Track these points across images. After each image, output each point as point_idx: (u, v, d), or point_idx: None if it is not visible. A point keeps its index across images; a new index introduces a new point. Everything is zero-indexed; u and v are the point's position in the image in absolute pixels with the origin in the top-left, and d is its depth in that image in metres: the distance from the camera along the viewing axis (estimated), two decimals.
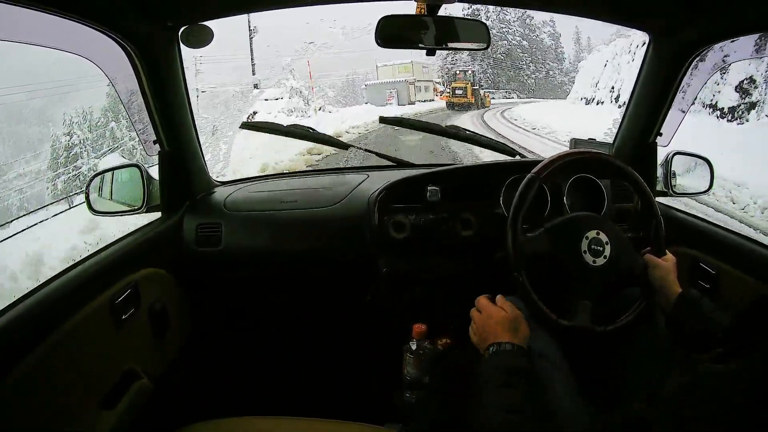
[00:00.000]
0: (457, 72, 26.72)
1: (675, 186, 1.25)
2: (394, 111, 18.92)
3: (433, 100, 30.08)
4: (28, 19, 0.73)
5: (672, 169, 1.24)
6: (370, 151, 1.49)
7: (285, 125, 1.37)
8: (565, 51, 44.93)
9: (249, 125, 1.65)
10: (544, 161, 0.93)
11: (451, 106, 21.89)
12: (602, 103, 15.24)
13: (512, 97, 35.12)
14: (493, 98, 29.50)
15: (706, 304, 0.78)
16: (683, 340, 0.78)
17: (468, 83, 22.75)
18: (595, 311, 0.85)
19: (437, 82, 34.32)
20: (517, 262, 0.85)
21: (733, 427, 0.45)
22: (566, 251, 0.86)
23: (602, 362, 0.92)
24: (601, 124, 7.04)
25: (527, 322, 0.79)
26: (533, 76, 41.31)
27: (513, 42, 39.91)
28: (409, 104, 26.32)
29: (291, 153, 8.48)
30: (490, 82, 38.16)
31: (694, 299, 0.80)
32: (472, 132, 1.39)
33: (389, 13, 0.98)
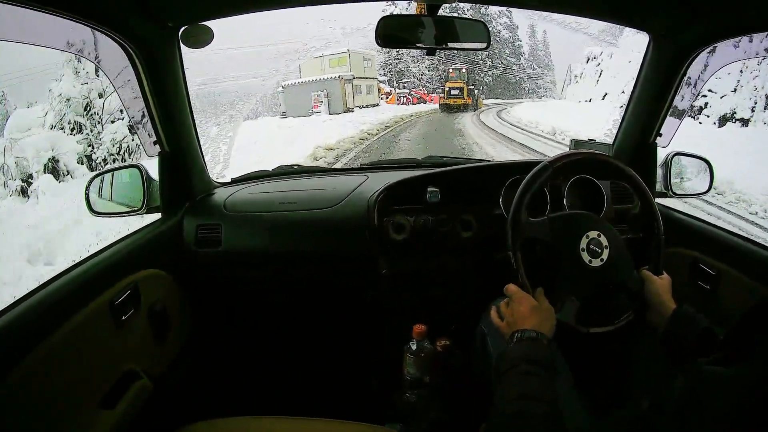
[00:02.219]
0: (450, 70, 23.98)
1: (675, 187, 1.25)
2: (319, 126, 11.73)
3: (377, 105, 22.85)
4: (28, 18, 0.73)
5: (672, 169, 1.24)
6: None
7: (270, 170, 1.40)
8: (522, 45, 41.84)
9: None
10: (558, 154, 0.93)
11: (445, 108, 20.11)
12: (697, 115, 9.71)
13: None
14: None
15: (701, 320, 0.76)
16: (681, 353, 0.76)
17: (463, 83, 20.94)
18: (582, 311, 0.84)
19: (381, 81, 27.44)
20: (513, 241, 0.85)
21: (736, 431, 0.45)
22: (565, 244, 0.86)
23: (601, 362, 0.92)
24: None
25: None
26: (490, 72, 37.62)
27: None
28: (345, 111, 18.76)
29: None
30: (442, 80, 32.64)
31: (689, 315, 0.78)
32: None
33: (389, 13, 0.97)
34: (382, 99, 25.13)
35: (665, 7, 0.98)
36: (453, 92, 20.37)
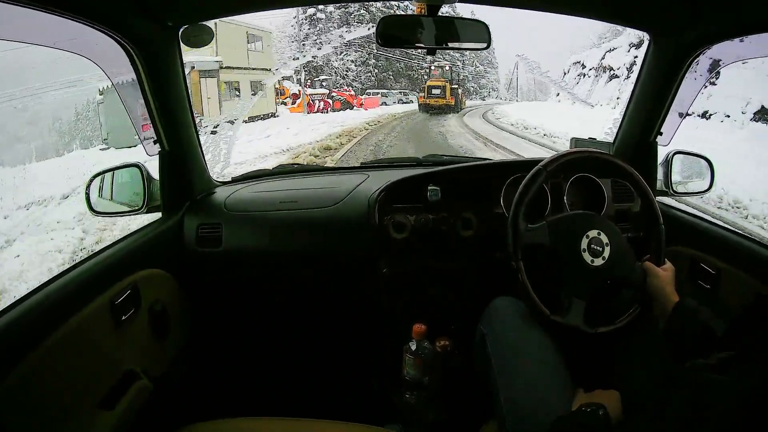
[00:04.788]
0: (432, 68, 21.05)
1: (675, 185, 1.25)
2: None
3: (274, 115, 15.19)
4: (28, 18, 0.73)
5: (672, 168, 1.24)
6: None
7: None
8: None
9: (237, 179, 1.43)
10: (552, 156, 0.93)
11: (425, 108, 18.10)
12: None
13: (410, 101, 23.82)
14: (385, 103, 21.93)
15: (704, 312, 0.76)
16: (682, 348, 0.76)
17: (446, 81, 18.85)
18: (589, 311, 0.84)
19: (285, 78, 19.21)
20: (515, 251, 0.86)
21: None
22: (565, 247, 0.86)
23: (600, 361, 0.92)
24: None
25: None
26: None
27: None
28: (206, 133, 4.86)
29: None
30: (374, 80, 28.85)
31: (691, 308, 0.78)
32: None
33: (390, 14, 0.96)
34: (285, 104, 16.89)
35: (665, 7, 0.97)
36: (434, 91, 18.37)
